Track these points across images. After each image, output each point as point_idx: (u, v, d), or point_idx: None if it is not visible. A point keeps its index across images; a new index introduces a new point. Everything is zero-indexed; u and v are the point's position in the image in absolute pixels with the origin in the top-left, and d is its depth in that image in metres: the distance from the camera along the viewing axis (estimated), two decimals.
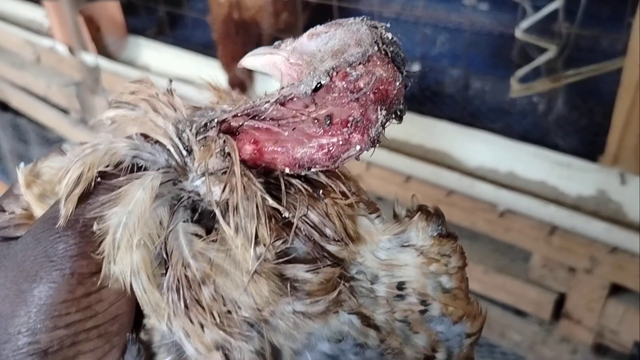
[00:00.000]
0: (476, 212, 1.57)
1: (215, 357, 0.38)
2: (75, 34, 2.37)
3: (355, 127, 0.40)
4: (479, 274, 1.61)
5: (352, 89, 0.41)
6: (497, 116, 1.87)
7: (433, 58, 2.26)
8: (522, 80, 1.58)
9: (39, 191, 0.44)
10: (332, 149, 0.40)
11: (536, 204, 1.49)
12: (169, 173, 0.40)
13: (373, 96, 0.41)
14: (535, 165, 1.56)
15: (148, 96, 0.42)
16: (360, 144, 0.41)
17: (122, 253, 0.37)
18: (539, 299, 1.56)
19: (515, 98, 1.77)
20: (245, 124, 0.41)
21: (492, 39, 2.31)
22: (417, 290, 0.45)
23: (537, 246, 1.52)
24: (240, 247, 0.37)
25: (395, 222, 0.46)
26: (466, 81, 1.93)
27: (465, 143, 1.65)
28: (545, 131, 1.71)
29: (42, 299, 0.36)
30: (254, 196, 0.38)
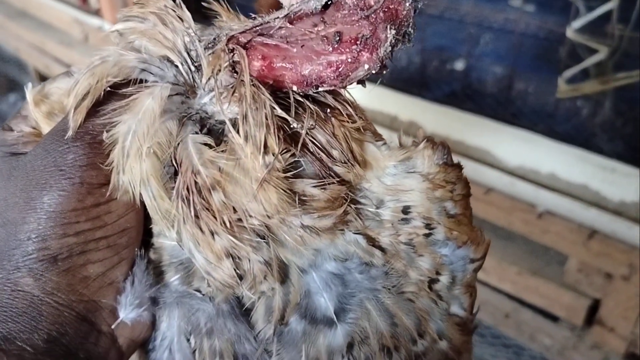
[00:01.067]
0: (514, 212, 1.56)
1: (225, 266, 0.39)
2: None
3: (364, 45, 0.40)
4: (513, 274, 1.59)
5: (362, 6, 0.40)
6: (540, 117, 1.84)
7: (477, 57, 2.25)
8: (569, 81, 1.56)
9: (47, 109, 0.45)
10: (340, 66, 0.40)
11: (576, 207, 1.47)
12: (178, 87, 0.40)
13: (383, 15, 0.40)
14: (577, 168, 1.53)
15: (157, 9, 0.42)
16: (368, 63, 0.40)
17: (131, 161, 0.38)
18: (573, 303, 1.54)
19: (559, 100, 1.75)
20: (253, 40, 0.41)
21: (538, 40, 2.28)
22: (422, 214, 0.45)
23: (575, 250, 1.50)
24: (250, 156, 0.38)
25: (401, 149, 0.47)
26: (510, 81, 1.91)
27: (506, 141, 1.64)
28: (590, 134, 1.68)
29: (51, 207, 0.37)
30: (263, 105, 0.39)
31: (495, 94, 2.00)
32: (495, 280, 1.64)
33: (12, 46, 3.43)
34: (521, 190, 1.55)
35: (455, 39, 2.43)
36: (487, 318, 1.70)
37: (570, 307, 1.55)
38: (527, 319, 1.65)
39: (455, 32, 2.48)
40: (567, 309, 1.56)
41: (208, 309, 0.42)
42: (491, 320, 1.70)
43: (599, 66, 1.51)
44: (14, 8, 3.41)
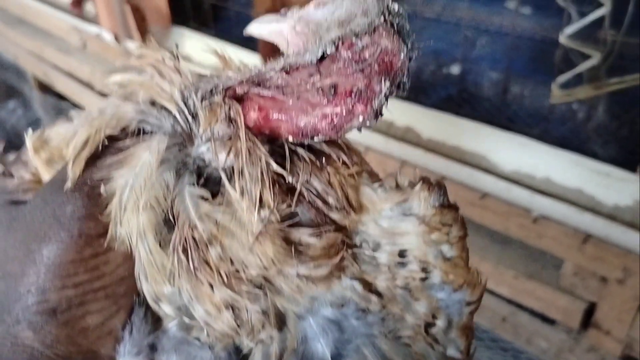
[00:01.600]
0: (510, 217, 1.57)
1: (225, 317, 0.39)
2: (122, 23, 2.43)
3: (359, 97, 0.41)
4: (510, 278, 1.61)
5: (357, 60, 0.41)
6: (535, 121, 1.86)
7: (473, 60, 2.26)
8: (563, 86, 1.57)
9: (46, 156, 0.45)
10: (335, 118, 0.41)
11: (571, 212, 1.48)
12: (175, 137, 0.40)
13: (377, 67, 0.41)
14: (572, 172, 1.55)
15: (154, 61, 0.43)
16: (363, 115, 0.41)
17: (128, 215, 0.38)
18: (569, 307, 1.55)
19: (554, 104, 1.76)
20: (250, 91, 0.41)
21: (533, 43, 2.29)
22: (418, 258, 0.45)
23: (570, 254, 1.51)
24: (246, 210, 0.38)
25: (397, 191, 0.47)
26: (505, 85, 1.92)
27: (502, 147, 1.65)
28: (584, 139, 1.70)
29: (50, 259, 0.37)
30: (259, 160, 0.39)
31: (491, 98, 2.02)
32: (492, 284, 1.65)
33: (11, 53, 3.44)
34: (517, 195, 1.56)
35: (451, 42, 2.44)
36: (484, 322, 1.71)
37: (566, 311, 1.56)
38: (524, 323, 1.66)
39: (451, 36, 2.50)
40: (563, 312, 1.57)
41: (206, 356, 0.42)
42: (488, 324, 1.71)
43: (592, 71, 1.52)
44: (13, 15, 3.43)
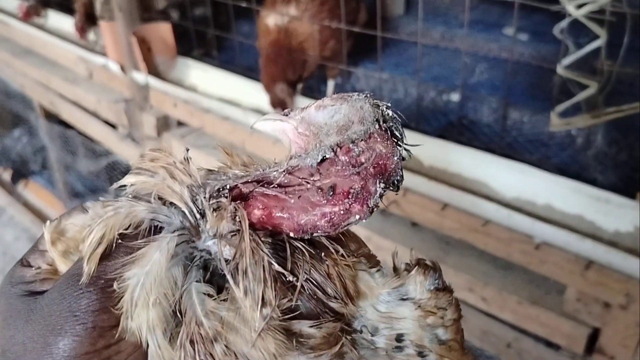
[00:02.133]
0: (512, 243, 1.59)
1: None
2: (128, 53, 2.48)
3: (355, 198, 0.44)
4: (513, 304, 1.62)
5: (354, 163, 0.45)
6: (535, 147, 1.88)
7: (471, 87, 2.30)
8: (562, 115, 1.60)
9: (63, 248, 0.48)
10: (333, 217, 0.44)
11: (573, 238, 1.50)
12: (183, 234, 0.43)
13: (373, 170, 0.45)
14: (572, 199, 1.57)
15: (166, 164, 0.47)
16: (359, 214, 0.45)
17: (139, 310, 0.41)
18: (573, 332, 1.56)
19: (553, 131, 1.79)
20: (255, 190, 0.45)
21: (532, 69, 2.33)
22: (414, 342, 0.48)
23: (573, 280, 1.52)
24: (249, 308, 0.41)
25: (394, 275, 0.50)
26: (504, 111, 1.96)
27: (502, 174, 1.68)
28: (584, 165, 1.72)
29: (66, 352, 0.40)
30: (262, 261, 0.42)
31: (491, 124, 2.05)
32: (496, 309, 1.66)
33: (18, 83, 3.50)
34: (518, 222, 1.58)
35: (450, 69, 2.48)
36: (489, 348, 1.72)
37: (570, 336, 1.57)
38: (528, 348, 1.67)
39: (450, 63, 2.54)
40: (567, 337, 1.58)
41: None
42: (493, 350, 1.72)
43: (590, 101, 1.55)
44: (20, 46, 3.49)
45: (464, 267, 1.70)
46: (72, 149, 3.28)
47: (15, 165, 4.06)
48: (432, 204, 1.72)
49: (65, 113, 3.11)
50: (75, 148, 3.25)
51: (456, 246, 1.76)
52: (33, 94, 3.38)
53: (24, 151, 3.97)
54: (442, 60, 2.57)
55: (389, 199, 1.82)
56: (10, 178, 4.05)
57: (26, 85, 3.39)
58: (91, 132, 3.01)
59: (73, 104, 3.00)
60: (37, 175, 4.05)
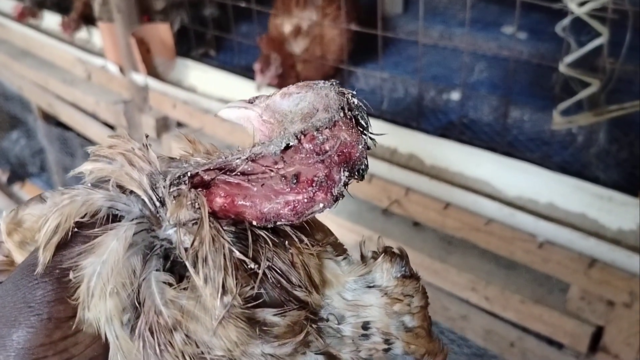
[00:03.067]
0: (515, 242, 1.58)
1: None
2: (127, 55, 2.47)
3: (319, 186, 0.44)
4: (516, 303, 1.62)
5: (318, 151, 0.44)
6: (536, 146, 1.88)
7: (471, 86, 2.30)
8: (564, 113, 1.60)
9: (19, 238, 0.47)
10: (297, 205, 0.44)
11: (576, 237, 1.50)
12: (143, 223, 0.42)
13: (337, 158, 0.44)
14: (575, 197, 1.57)
15: (125, 150, 0.45)
16: (323, 202, 0.44)
17: (95, 300, 0.39)
18: (576, 331, 1.56)
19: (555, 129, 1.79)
20: (217, 177, 0.44)
21: (531, 68, 2.33)
22: (381, 330, 0.47)
23: (576, 278, 1.52)
24: (209, 296, 0.39)
25: (361, 263, 0.49)
26: (505, 110, 1.96)
27: (504, 173, 1.67)
28: (585, 164, 1.72)
29: (20, 344, 0.38)
30: (222, 248, 0.41)
31: (491, 123, 2.05)
32: (499, 308, 1.66)
33: (16, 85, 3.49)
34: (521, 220, 1.58)
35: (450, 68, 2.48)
36: (492, 347, 1.72)
37: (574, 334, 1.57)
38: (532, 347, 1.67)
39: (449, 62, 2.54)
40: (571, 336, 1.58)
41: None
42: (497, 349, 1.72)
43: (592, 99, 1.55)
44: (17, 47, 3.48)
45: (466, 266, 1.70)
46: (70, 150, 3.27)
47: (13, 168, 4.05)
48: (434, 203, 1.72)
49: (63, 115, 3.10)
50: (74, 150, 3.24)
51: (458, 245, 1.76)
52: (31, 95, 3.37)
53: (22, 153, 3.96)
54: (441, 59, 2.57)
55: (390, 199, 1.82)
56: (7, 179, 4.04)
57: (24, 87, 3.38)
58: (90, 134, 3.00)
59: (71, 106, 2.99)
60: (36, 177, 4.05)
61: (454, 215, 1.69)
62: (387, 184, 1.81)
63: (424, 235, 1.82)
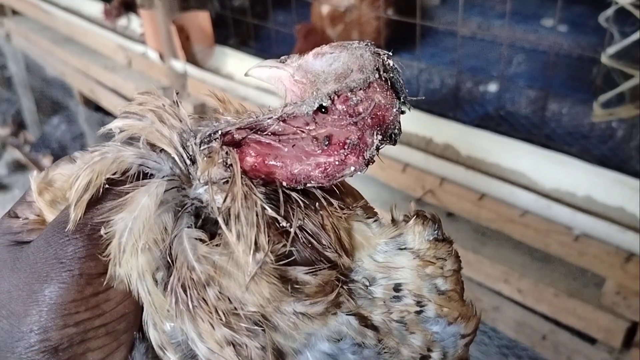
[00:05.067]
0: (551, 234, 1.57)
1: (227, 354, 0.40)
2: (167, 42, 2.52)
3: (351, 149, 0.43)
4: (550, 296, 1.61)
5: (352, 113, 0.43)
6: (574, 139, 1.86)
7: (509, 78, 2.27)
8: (604, 105, 1.58)
9: (50, 197, 0.47)
10: (328, 168, 0.43)
11: (614, 230, 1.48)
12: (174, 181, 0.41)
13: (371, 121, 0.43)
14: (614, 191, 1.54)
15: (155, 107, 0.44)
16: (355, 165, 0.43)
17: (127, 256, 0.39)
18: (610, 326, 1.54)
19: (593, 122, 1.76)
20: (248, 137, 0.43)
21: (571, 61, 2.29)
22: (413, 292, 0.46)
23: (612, 272, 1.50)
24: (242, 253, 0.39)
25: (392, 226, 0.48)
26: (543, 102, 1.93)
27: (542, 164, 1.66)
28: (625, 158, 1.69)
29: (52, 299, 0.38)
30: (254, 205, 0.40)
31: (529, 116, 2.03)
32: (531, 301, 1.65)
33: (58, 70, 3.58)
34: (557, 212, 1.57)
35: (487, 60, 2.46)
36: (524, 339, 1.71)
37: (608, 330, 1.55)
38: (564, 341, 1.65)
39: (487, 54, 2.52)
40: (605, 331, 1.56)
41: None
42: (528, 342, 1.71)
43: (634, 91, 1.52)
44: (61, 34, 3.57)
45: (500, 258, 1.69)
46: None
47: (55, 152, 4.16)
48: (469, 193, 1.72)
49: (104, 100, 3.18)
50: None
51: (492, 237, 1.75)
52: (73, 81, 3.46)
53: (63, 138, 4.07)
54: (478, 51, 2.55)
55: (424, 189, 1.82)
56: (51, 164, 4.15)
57: (66, 73, 3.47)
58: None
59: (112, 92, 3.06)
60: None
61: (489, 206, 1.68)
62: (421, 174, 1.81)
63: (458, 225, 1.82)
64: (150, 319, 0.42)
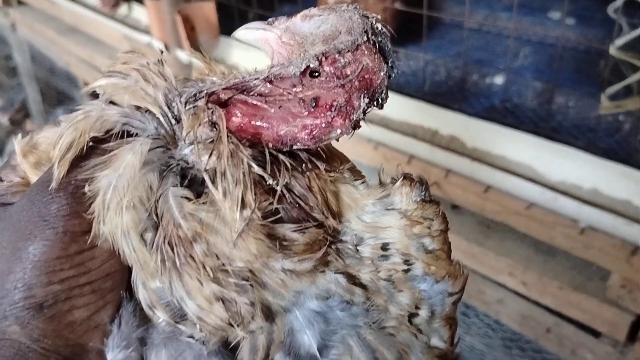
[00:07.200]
0: (556, 227, 1.57)
1: (216, 310, 0.40)
2: (172, 32, 2.51)
3: (338, 111, 0.43)
4: (554, 289, 1.60)
5: (339, 75, 0.43)
6: (580, 132, 1.85)
7: (515, 70, 2.26)
8: (612, 97, 1.57)
9: (34, 160, 0.46)
10: (314, 130, 0.43)
11: (620, 223, 1.47)
12: (159, 140, 0.41)
13: (358, 84, 0.43)
14: (620, 184, 1.54)
15: (139, 65, 0.44)
16: (341, 128, 0.43)
17: (111, 214, 0.39)
18: (615, 319, 1.54)
19: (600, 115, 1.75)
20: (234, 97, 0.43)
21: (578, 54, 2.28)
22: (400, 251, 0.47)
23: (617, 266, 1.50)
24: (229, 210, 0.39)
25: (379, 187, 0.49)
26: (550, 95, 1.92)
27: (548, 157, 1.65)
28: (631, 151, 1.68)
29: (36, 256, 0.38)
30: (240, 163, 0.40)
31: (535, 108, 2.02)
32: (536, 294, 1.65)
33: (63, 60, 3.58)
34: (563, 205, 1.56)
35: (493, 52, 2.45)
36: (528, 332, 1.71)
37: (612, 323, 1.55)
38: (568, 334, 1.65)
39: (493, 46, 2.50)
40: (609, 324, 1.56)
41: (195, 348, 0.43)
42: (532, 335, 1.71)
43: None
44: (66, 24, 3.57)
45: (504, 250, 1.69)
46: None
47: None
48: (475, 186, 1.71)
49: None
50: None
51: (497, 229, 1.75)
52: (78, 71, 3.46)
53: None
54: (484, 43, 2.54)
55: (429, 180, 1.81)
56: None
57: (71, 63, 3.47)
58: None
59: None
60: None
61: (494, 198, 1.67)
62: (426, 166, 1.81)
63: (462, 218, 1.81)
64: (139, 278, 0.41)
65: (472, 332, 1.80)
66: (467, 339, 1.79)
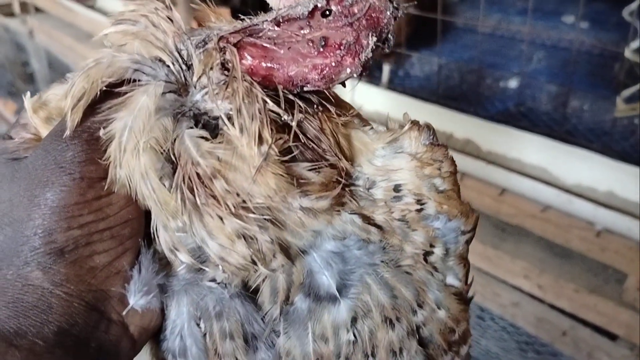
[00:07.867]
0: (572, 230, 1.57)
1: (238, 247, 0.40)
2: None
3: (347, 50, 0.42)
4: (570, 292, 1.60)
5: (347, 14, 0.43)
6: (595, 136, 1.85)
7: (529, 74, 2.27)
8: (627, 100, 1.57)
9: (45, 115, 0.46)
10: (325, 69, 0.42)
11: (636, 225, 1.47)
12: (171, 84, 0.41)
13: (365, 22, 0.43)
14: (636, 186, 1.53)
15: (148, 12, 0.43)
16: (351, 67, 0.43)
17: (128, 156, 0.39)
18: (632, 322, 1.53)
19: (615, 118, 1.75)
20: (243, 40, 0.42)
21: (592, 57, 2.28)
22: (412, 191, 0.47)
23: (634, 268, 1.50)
24: (246, 146, 0.39)
25: (388, 132, 0.49)
26: (564, 99, 1.92)
27: (563, 160, 1.65)
28: None
29: (54, 202, 0.38)
30: (256, 99, 0.40)
31: (549, 112, 2.02)
32: (552, 297, 1.65)
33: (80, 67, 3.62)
34: (579, 208, 1.56)
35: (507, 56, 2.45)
36: (544, 335, 1.71)
37: (629, 326, 1.54)
38: (584, 337, 1.65)
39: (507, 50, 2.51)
40: (626, 327, 1.55)
41: (217, 292, 0.43)
42: (548, 338, 1.70)
43: None
44: (83, 31, 3.62)
45: (520, 253, 1.69)
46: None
47: None
48: (490, 189, 1.71)
49: None
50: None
51: (512, 232, 1.75)
52: None
53: None
54: (498, 48, 2.55)
55: None
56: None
57: None
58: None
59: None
60: None
61: (510, 201, 1.68)
62: None
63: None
64: (160, 221, 0.42)
65: (488, 336, 1.80)
66: (483, 342, 1.79)
